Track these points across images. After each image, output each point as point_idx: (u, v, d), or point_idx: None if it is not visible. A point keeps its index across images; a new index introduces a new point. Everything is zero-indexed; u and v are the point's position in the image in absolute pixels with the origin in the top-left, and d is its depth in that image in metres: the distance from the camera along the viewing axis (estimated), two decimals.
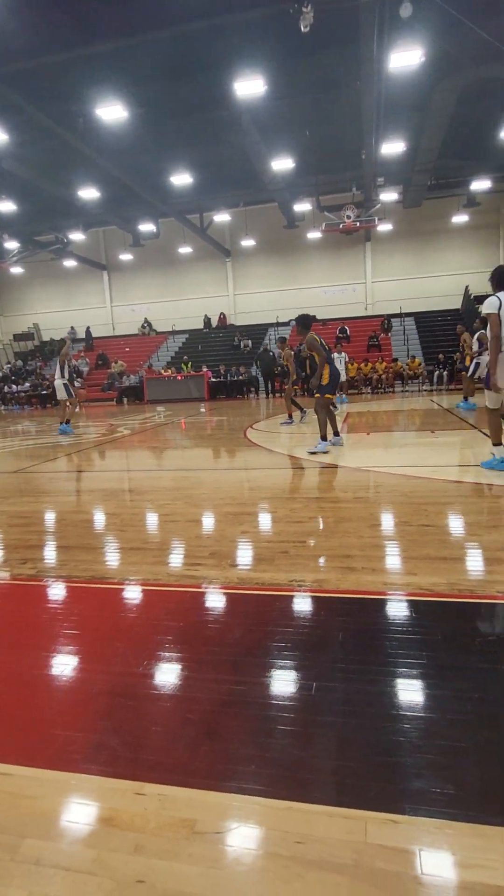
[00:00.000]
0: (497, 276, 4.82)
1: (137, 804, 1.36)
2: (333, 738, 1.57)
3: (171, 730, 1.65)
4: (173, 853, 1.21)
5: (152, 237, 23.71)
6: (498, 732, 1.55)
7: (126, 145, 15.73)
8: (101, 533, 3.89)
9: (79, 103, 13.03)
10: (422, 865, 1.15)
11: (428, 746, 1.51)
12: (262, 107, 13.78)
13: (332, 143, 17.26)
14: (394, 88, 13.13)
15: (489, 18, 10.67)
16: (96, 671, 2.02)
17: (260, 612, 2.47)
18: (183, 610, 2.53)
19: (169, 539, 3.60)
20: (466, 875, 1.13)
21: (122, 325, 28.41)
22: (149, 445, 8.74)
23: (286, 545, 3.26)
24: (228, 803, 1.35)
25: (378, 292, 25.49)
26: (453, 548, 3.11)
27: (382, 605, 2.43)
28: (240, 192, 21.00)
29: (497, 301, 4.67)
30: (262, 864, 1.18)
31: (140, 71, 12.46)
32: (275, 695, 1.81)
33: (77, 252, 25.84)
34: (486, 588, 2.52)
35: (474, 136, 17.01)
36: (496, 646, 2.02)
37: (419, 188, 20.03)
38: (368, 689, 1.79)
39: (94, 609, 2.62)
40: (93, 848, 1.24)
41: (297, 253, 25.58)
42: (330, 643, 2.10)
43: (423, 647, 2.02)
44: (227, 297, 27.26)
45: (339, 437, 6.97)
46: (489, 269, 5.13)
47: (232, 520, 3.91)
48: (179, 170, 17.54)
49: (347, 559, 2.96)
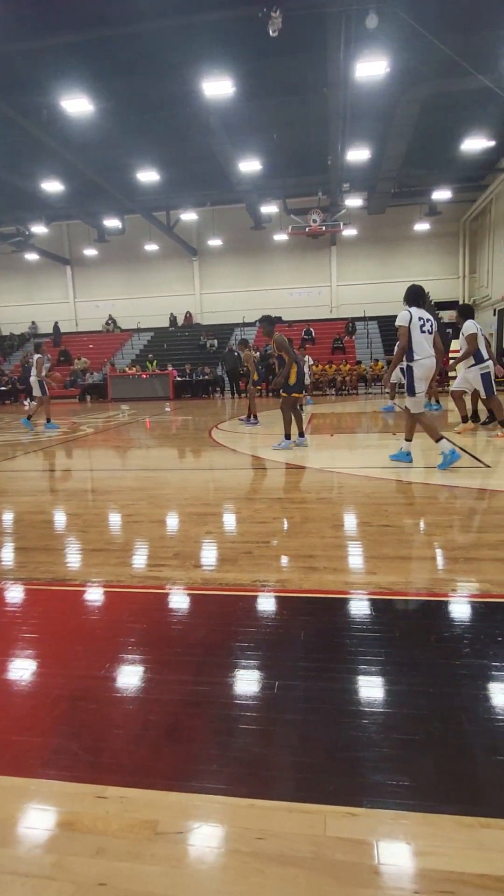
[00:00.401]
0: (410, 293, 5.40)
1: (99, 807, 1.36)
2: (295, 735, 1.60)
3: (132, 732, 1.65)
4: (135, 854, 1.22)
5: (118, 233, 23.38)
6: (451, 725, 1.62)
7: (92, 139, 15.46)
8: (63, 534, 3.83)
9: (43, 94, 12.72)
10: (378, 856, 1.19)
11: (385, 741, 1.56)
12: (230, 108, 13.80)
13: (298, 148, 17.45)
14: (360, 97, 13.38)
15: (450, 34, 11.02)
16: (56, 675, 1.99)
17: (223, 612, 2.48)
18: (146, 611, 2.52)
19: (132, 540, 3.57)
20: (420, 862, 1.18)
21: (85, 322, 27.88)
22: (112, 444, 8.62)
23: (250, 545, 3.29)
24: (190, 803, 1.36)
25: (343, 296, 25.89)
26: (411, 547, 3.20)
27: (343, 604, 2.49)
28: (207, 191, 20.96)
29: (408, 315, 5.24)
30: (224, 861, 1.20)
31: (107, 65, 12.28)
32: (237, 694, 1.83)
33: (39, 245, 25.22)
34: (441, 586, 2.61)
35: (436, 146, 17.51)
36: (450, 642, 2.10)
37: (383, 195, 20.47)
38: (329, 687, 1.83)
39: (54, 612, 2.58)
40: (53, 853, 1.23)
41: (264, 254, 25.71)
42: (292, 642, 2.14)
43: (382, 644, 2.08)
44: (193, 295, 27.14)
45: (303, 438, 7.07)
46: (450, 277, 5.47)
47: (196, 520, 3.91)
48: (146, 166, 17.36)
49: (310, 559, 3.01)
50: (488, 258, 22.45)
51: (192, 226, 25.29)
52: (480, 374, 6.98)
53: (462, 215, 23.93)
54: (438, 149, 17.67)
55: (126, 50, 11.80)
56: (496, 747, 1.52)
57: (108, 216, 22.07)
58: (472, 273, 24.62)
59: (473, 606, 2.43)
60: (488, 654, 2.00)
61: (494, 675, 1.88)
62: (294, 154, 17.88)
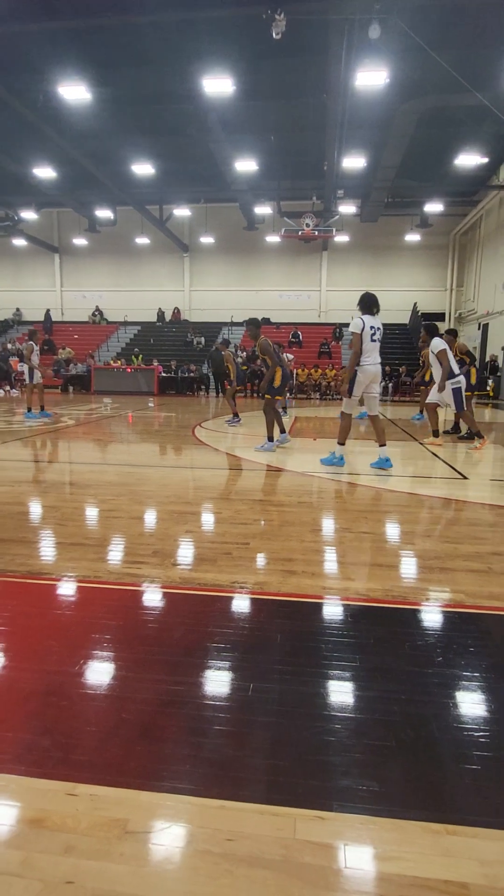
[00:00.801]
0: (364, 301, 5.66)
1: (69, 805, 1.35)
2: (267, 737, 1.62)
3: (105, 730, 1.64)
4: (104, 853, 1.21)
5: (109, 224, 23.15)
6: (421, 732, 1.64)
7: (88, 127, 15.30)
8: (39, 527, 3.78)
9: (40, 79, 12.55)
10: (346, 859, 1.21)
11: (356, 746, 1.58)
12: (229, 106, 13.79)
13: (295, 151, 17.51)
14: (358, 105, 13.49)
15: (451, 50, 11.19)
16: (29, 670, 1.97)
17: (201, 612, 2.48)
18: (123, 608, 2.50)
19: (111, 535, 3.55)
20: (385, 867, 1.20)
21: (71, 312, 27.55)
22: (94, 438, 8.54)
23: (230, 546, 3.29)
24: (161, 803, 1.36)
25: (332, 301, 26.05)
26: (389, 555, 3.24)
27: (320, 609, 2.51)
28: (202, 188, 20.90)
29: (361, 323, 5.51)
30: (193, 861, 1.20)
31: (107, 54, 12.17)
32: (212, 695, 1.83)
33: (28, 231, 24.83)
34: (416, 595, 2.65)
35: (431, 160, 17.75)
36: (423, 650, 2.13)
37: (376, 204, 20.66)
38: (303, 690, 1.84)
39: (28, 606, 2.55)
40: (21, 850, 1.22)
41: (256, 255, 25.73)
42: (268, 645, 2.15)
43: (357, 649, 2.11)
44: (182, 291, 27.03)
45: (285, 435, 7.24)
46: (438, 289, 5.63)
47: (176, 519, 3.90)
48: (141, 159, 17.24)
49: (289, 562, 3.03)
50: (476, 273, 22.82)
51: (184, 221, 25.20)
52: (452, 388, 7.09)
53: (452, 229, 24.28)
54: (433, 162, 17.91)
55: (128, 40, 11.72)
56: (465, 755, 1.55)
57: (100, 206, 21.84)
58: (459, 286, 24.99)
59: (447, 616, 2.47)
60: (460, 663, 2.03)
61: (465, 684, 1.91)
62: (290, 157, 17.94)
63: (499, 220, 20.22)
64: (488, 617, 2.45)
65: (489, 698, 1.84)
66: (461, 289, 24.89)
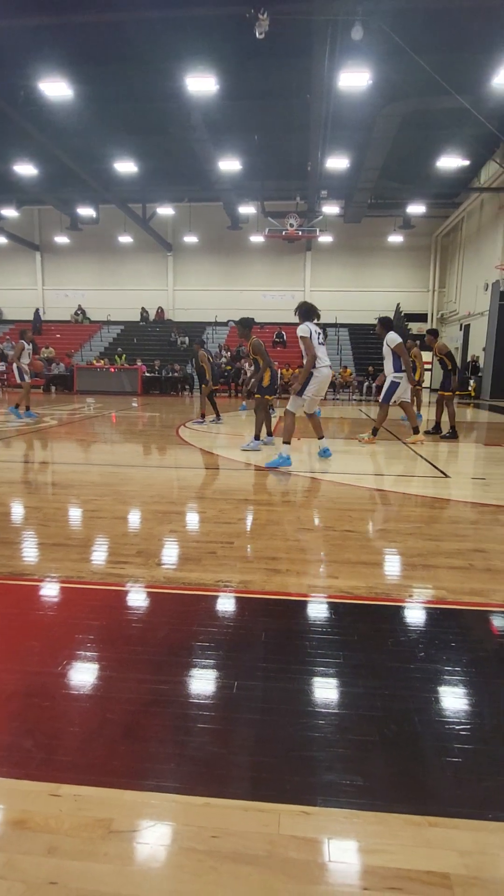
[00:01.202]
0: (305, 309, 6.00)
1: (52, 805, 1.34)
2: (252, 734, 1.62)
3: (88, 730, 1.63)
4: (88, 853, 1.20)
5: (91, 222, 22.98)
6: (404, 727, 1.66)
7: (69, 125, 15.16)
8: (21, 527, 3.74)
9: (21, 75, 12.39)
10: (330, 853, 1.22)
11: (340, 741, 1.59)
12: (212, 105, 13.77)
13: (279, 151, 17.56)
14: (341, 106, 13.57)
15: (433, 54, 11.32)
16: (10, 671, 1.95)
17: (185, 611, 2.48)
18: (106, 608, 2.49)
19: (94, 536, 3.52)
20: (369, 860, 1.21)
21: (53, 311, 27.26)
22: (77, 438, 8.46)
23: (214, 545, 3.29)
24: (146, 801, 1.36)
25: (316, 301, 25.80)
26: (373, 553, 3.27)
27: (304, 607, 2.52)
28: (185, 187, 20.85)
29: (308, 328, 5.83)
30: (177, 859, 1.20)
31: (89, 51, 12.07)
32: (196, 694, 1.83)
33: (8, 229, 24.52)
34: (400, 592, 2.68)
35: (413, 161, 17.93)
36: (406, 646, 2.16)
37: (360, 205, 20.81)
38: (287, 688, 1.85)
39: (10, 606, 2.52)
40: (3, 852, 1.21)
41: (239, 254, 25.73)
42: (253, 643, 2.15)
43: (341, 647, 2.12)
44: (166, 291, 26.91)
45: (270, 438, 7.45)
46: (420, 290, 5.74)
47: (161, 518, 3.89)
48: (124, 157, 17.12)
49: (273, 561, 3.04)
50: (458, 274, 23.11)
51: (168, 220, 25.09)
52: (391, 380, 7.29)
53: (435, 230, 24.56)
54: (415, 164, 18.10)
55: (110, 37, 11.64)
56: (446, 749, 1.57)
57: (81, 204, 21.66)
58: (441, 288, 25.30)
59: (429, 612, 2.51)
60: (441, 658, 2.06)
61: (447, 679, 1.94)
62: (274, 157, 17.98)
63: (480, 221, 20.50)
64: (469, 612, 2.48)
65: (470, 692, 1.87)
66: (443, 290, 25.19)
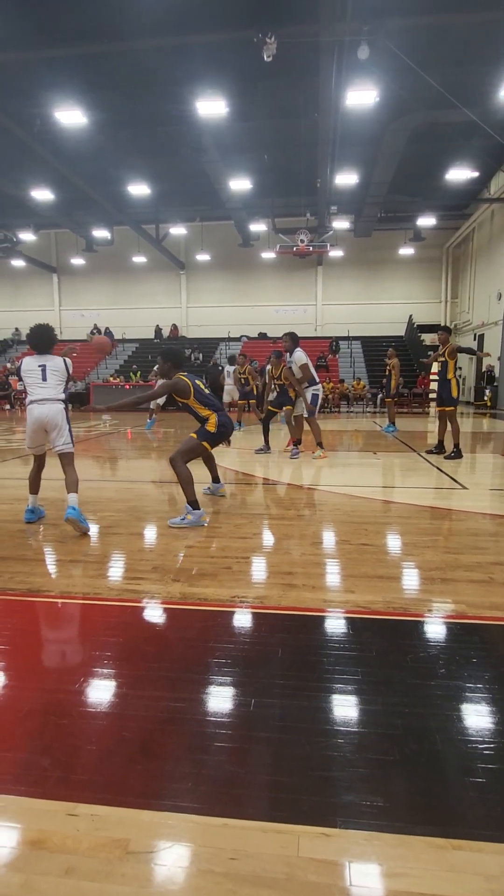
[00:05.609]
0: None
1: (69, 825, 1.33)
2: (270, 753, 1.60)
3: (105, 748, 1.62)
4: (105, 874, 1.19)
5: (106, 244, 23.43)
6: (425, 746, 1.63)
7: (84, 150, 15.56)
8: (39, 544, 3.77)
9: (37, 104, 12.79)
10: (351, 877, 1.19)
11: (360, 760, 1.56)
12: (222, 127, 14.04)
13: (288, 169, 17.79)
14: (349, 123, 13.74)
15: (439, 68, 11.43)
16: (28, 688, 1.96)
17: (201, 627, 2.47)
18: (123, 625, 2.49)
19: (110, 552, 3.54)
20: (391, 884, 1.18)
21: (70, 331, 27.72)
22: (93, 455, 8.54)
23: (229, 560, 3.28)
24: (163, 822, 1.35)
25: (328, 315, 26.25)
26: (389, 567, 3.23)
27: (321, 622, 2.49)
28: (197, 207, 21.19)
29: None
30: (195, 881, 1.18)
31: (102, 79, 12.42)
32: (213, 711, 1.82)
33: (26, 252, 25.12)
34: (418, 606, 2.64)
35: (422, 174, 18.02)
36: (425, 662, 2.12)
37: (370, 219, 20.93)
38: (305, 705, 1.83)
39: (28, 623, 2.54)
40: (21, 872, 1.20)
41: (251, 271, 25.99)
42: (270, 660, 2.13)
43: (359, 663, 2.09)
44: (179, 308, 27.24)
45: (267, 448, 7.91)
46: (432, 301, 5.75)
47: (176, 534, 3.90)
48: (137, 180, 17.49)
49: (289, 576, 3.02)
50: (470, 284, 23.04)
51: (180, 240, 25.48)
52: (311, 394, 7.58)
53: (445, 242, 24.57)
54: (424, 177, 18.19)
55: (122, 65, 11.96)
56: (469, 769, 1.53)
57: (97, 227, 22.11)
58: (454, 298, 25.22)
59: (449, 627, 2.46)
60: (463, 675, 2.02)
61: (469, 696, 1.90)
62: (284, 175, 18.21)
63: (491, 232, 20.47)
64: (491, 627, 2.43)
65: (493, 710, 1.83)
66: (456, 300, 25.11)
